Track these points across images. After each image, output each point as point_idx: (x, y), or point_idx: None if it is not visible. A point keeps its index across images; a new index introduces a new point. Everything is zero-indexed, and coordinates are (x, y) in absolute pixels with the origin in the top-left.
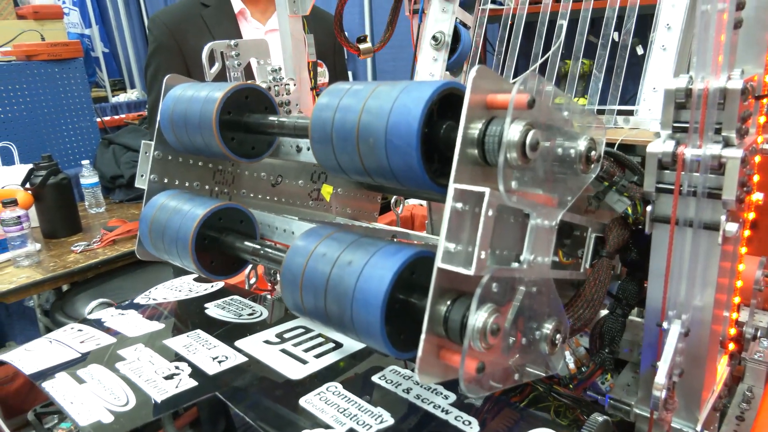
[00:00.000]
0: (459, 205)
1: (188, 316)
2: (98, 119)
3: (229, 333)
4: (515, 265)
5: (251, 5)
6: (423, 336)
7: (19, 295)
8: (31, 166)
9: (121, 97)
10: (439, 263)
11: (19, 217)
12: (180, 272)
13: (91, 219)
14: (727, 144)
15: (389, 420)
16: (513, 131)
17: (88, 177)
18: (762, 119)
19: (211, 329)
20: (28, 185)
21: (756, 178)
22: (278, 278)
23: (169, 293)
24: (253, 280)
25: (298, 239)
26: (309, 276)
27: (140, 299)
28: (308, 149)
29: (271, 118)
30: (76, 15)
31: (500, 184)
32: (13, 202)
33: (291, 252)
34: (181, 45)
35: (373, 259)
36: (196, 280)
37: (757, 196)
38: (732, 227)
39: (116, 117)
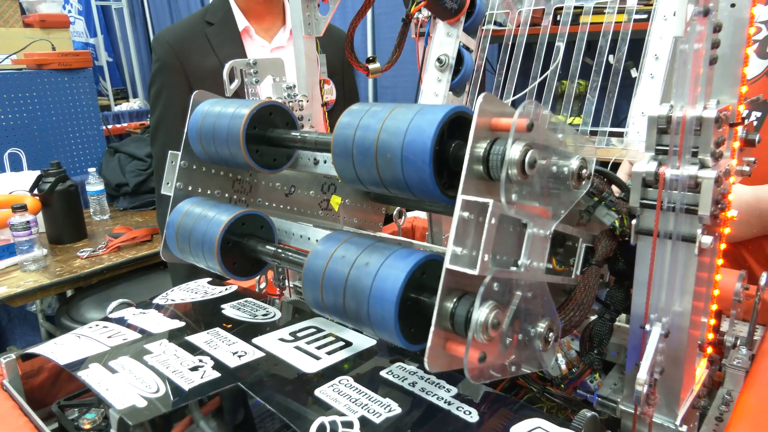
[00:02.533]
0: (466, 214)
1: (206, 315)
2: (104, 127)
3: (245, 331)
4: (513, 268)
5: (256, 23)
6: (432, 329)
7: (26, 299)
8: (38, 172)
9: (124, 106)
10: (447, 264)
11: (28, 222)
12: (192, 277)
13: (95, 226)
14: (702, 166)
15: (397, 409)
16: (514, 151)
17: (94, 184)
18: (736, 144)
19: (229, 327)
20: (36, 191)
21: (731, 196)
22: (286, 284)
23: (186, 295)
24: (263, 285)
25: (318, 244)
26: (329, 276)
27: (159, 300)
28: (325, 162)
29: (294, 133)
30: (82, 24)
31: (502, 197)
32: (23, 208)
33: (312, 255)
34: (184, 64)
35: (388, 261)
36: (210, 283)
37: (732, 213)
38: (707, 240)
39: (118, 126)
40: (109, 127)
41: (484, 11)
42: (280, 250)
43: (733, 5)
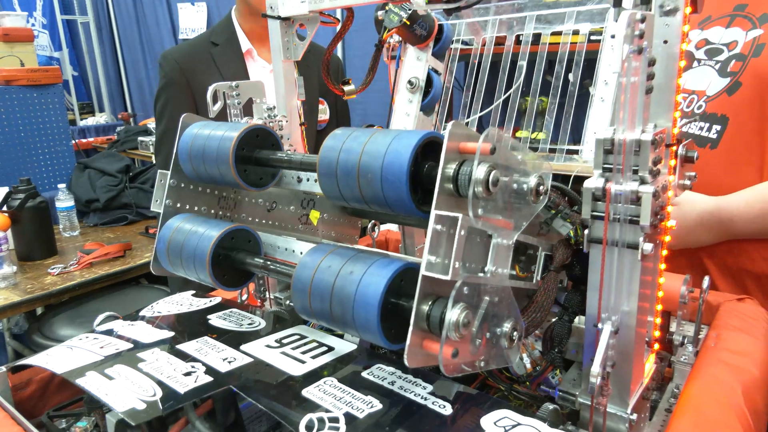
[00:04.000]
0: (438, 226)
1: (194, 325)
2: (73, 142)
3: (233, 339)
4: (481, 274)
5: (260, 45)
6: (411, 329)
7: None
8: (6, 189)
9: (90, 121)
10: (423, 271)
11: None
12: (186, 287)
13: (65, 242)
14: (642, 182)
15: (378, 405)
16: (479, 171)
17: (64, 201)
18: (672, 162)
19: (217, 336)
20: (5, 208)
21: (669, 208)
22: (267, 295)
23: (172, 307)
24: (245, 297)
25: (305, 255)
26: (317, 284)
27: (145, 312)
28: (308, 180)
29: (280, 154)
30: (46, 38)
31: (470, 211)
32: None
33: (300, 266)
34: (190, 81)
35: (370, 269)
36: (194, 295)
37: (671, 223)
38: (648, 247)
39: (84, 140)
40: (75, 141)
41: (452, 37)
42: (269, 262)
43: (665, 42)
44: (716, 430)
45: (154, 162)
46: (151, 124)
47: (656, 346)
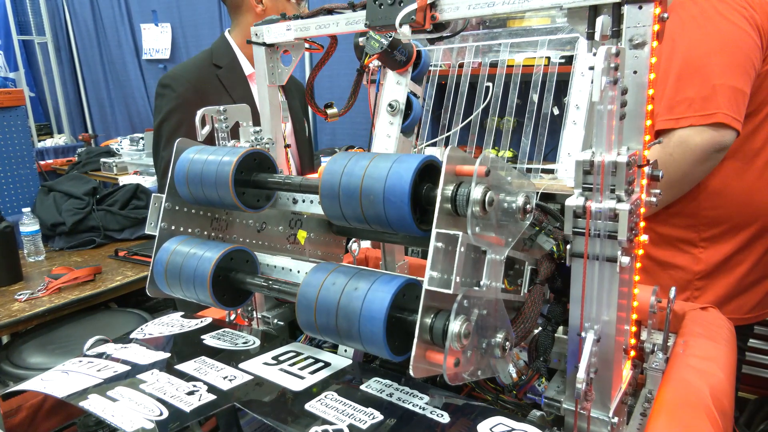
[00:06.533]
0: (439, 244)
1: (189, 346)
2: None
3: (230, 358)
4: (476, 288)
5: None
6: (415, 341)
7: None
8: None
9: (48, 142)
10: (426, 286)
11: None
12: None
13: (29, 267)
14: (619, 200)
15: (380, 416)
16: (476, 192)
17: (29, 225)
18: (644, 182)
19: (213, 355)
20: None
21: (642, 224)
22: (254, 315)
23: (164, 329)
24: (233, 317)
25: (309, 275)
26: (322, 301)
27: (136, 334)
28: (303, 201)
29: (279, 177)
30: (0, 58)
31: (468, 229)
32: None
33: (305, 284)
34: (204, 101)
35: (374, 285)
36: (183, 316)
37: (643, 237)
38: (625, 260)
39: (42, 162)
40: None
41: (429, 62)
42: (270, 282)
43: (635, 72)
44: (689, 431)
45: (159, 183)
46: (113, 144)
47: (632, 353)
